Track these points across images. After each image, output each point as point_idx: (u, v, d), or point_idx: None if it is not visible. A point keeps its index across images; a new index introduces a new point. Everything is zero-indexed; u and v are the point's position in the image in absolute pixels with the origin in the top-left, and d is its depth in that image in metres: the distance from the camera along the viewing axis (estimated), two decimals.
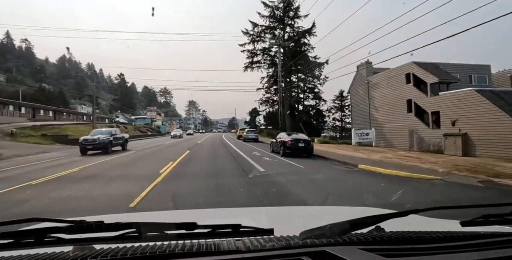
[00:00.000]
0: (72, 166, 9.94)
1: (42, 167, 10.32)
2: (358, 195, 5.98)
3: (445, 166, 9.29)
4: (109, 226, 0.76)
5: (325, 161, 12.10)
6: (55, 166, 10.24)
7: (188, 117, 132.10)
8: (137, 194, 5.41)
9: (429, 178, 7.55)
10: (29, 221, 0.83)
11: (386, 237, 0.84)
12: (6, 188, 6.25)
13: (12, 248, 0.75)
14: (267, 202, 5.03)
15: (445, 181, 7.24)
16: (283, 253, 0.74)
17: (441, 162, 10.57)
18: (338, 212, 1.95)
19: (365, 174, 8.70)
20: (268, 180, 7.35)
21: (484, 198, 5.75)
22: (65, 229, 0.76)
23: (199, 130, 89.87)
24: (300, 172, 8.96)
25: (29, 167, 10.44)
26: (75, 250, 0.76)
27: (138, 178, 7.77)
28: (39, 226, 0.99)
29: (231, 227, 0.83)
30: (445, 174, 7.92)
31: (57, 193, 5.83)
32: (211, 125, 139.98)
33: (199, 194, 5.69)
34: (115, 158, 13.18)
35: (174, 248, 0.75)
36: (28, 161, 12.43)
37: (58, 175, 8.05)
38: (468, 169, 8.58)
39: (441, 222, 1.37)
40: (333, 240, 0.79)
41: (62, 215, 4.15)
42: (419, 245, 0.82)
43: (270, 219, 1.72)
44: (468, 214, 0.99)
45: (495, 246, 0.81)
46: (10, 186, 6.46)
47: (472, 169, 8.58)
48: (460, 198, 5.72)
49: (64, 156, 14.55)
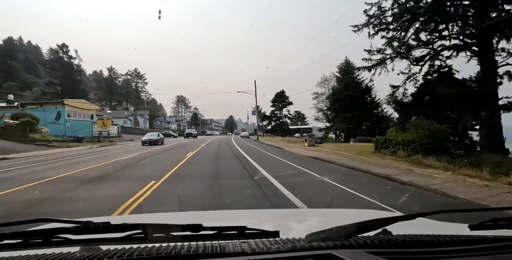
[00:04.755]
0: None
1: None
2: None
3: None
4: (115, 227, 0.77)
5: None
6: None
7: (176, 115, 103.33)
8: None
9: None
10: (37, 221, 0.84)
11: (393, 241, 0.83)
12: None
13: (21, 248, 0.76)
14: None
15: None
16: (289, 255, 0.74)
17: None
18: (344, 214, 1.95)
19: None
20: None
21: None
22: (72, 230, 0.77)
23: (191, 133, 46.27)
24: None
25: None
26: (82, 251, 0.77)
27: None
28: (47, 226, 1.00)
29: (236, 229, 0.84)
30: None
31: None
32: (203, 124, 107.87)
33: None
34: None
35: (179, 250, 0.76)
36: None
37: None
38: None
39: (449, 225, 1.35)
40: (340, 243, 0.79)
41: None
42: (427, 248, 0.81)
43: (275, 221, 1.72)
44: (476, 217, 0.98)
45: (505, 250, 0.80)
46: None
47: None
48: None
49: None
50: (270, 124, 64.85)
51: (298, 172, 8.72)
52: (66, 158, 13.74)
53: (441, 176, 7.55)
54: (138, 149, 19.46)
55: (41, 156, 14.96)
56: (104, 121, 31.81)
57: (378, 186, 6.81)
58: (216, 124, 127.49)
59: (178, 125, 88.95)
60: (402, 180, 6.98)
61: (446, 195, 5.61)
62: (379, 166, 9.65)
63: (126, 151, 18.01)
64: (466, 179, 7.14)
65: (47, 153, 16.56)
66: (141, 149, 18.89)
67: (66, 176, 8.06)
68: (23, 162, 12.12)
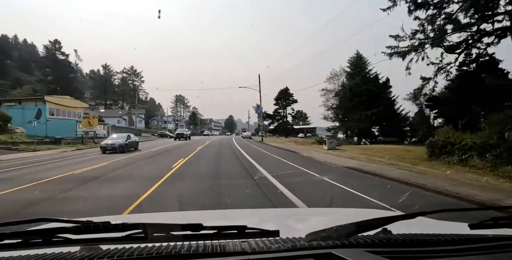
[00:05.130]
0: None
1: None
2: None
3: None
4: (115, 226, 0.76)
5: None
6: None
7: (174, 114, 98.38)
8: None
9: None
10: (36, 221, 0.85)
11: (393, 240, 0.83)
12: None
13: (21, 248, 0.77)
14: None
15: None
16: (289, 255, 0.74)
17: None
18: (344, 214, 1.97)
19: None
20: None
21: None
22: (72, 230, 0.77)
23: (182, 133, 39.93)
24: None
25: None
26: (82, 250, 0.76)
27: None
28: (47, 226, 0.99)
29: (236, 228, 0.83)
30: None
31: None
32: (202, 124, 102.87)
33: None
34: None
35: (180, 249, 0.75)
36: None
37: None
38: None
39: (449, 224, 1.35)
40: (340, 243, 0.78)
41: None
42: (427, 247, 0.80)
43: (275, 221, 1.72)
44: (476, 216, 0.98)
45: (505, 249, 0.80)
46: None
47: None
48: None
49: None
50: (273, 124, 62.15)
51: (369, 205, 5.02)
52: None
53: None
54: (99, 158, 13.85)
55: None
56: (90, 120, 27.78)
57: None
58: (215, 124, 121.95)
59: (176, 125, 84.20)
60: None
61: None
62: (486, 188, 6.21)
63: (85, 160, 13.25)
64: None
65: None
66: (101, 159, 13.22)
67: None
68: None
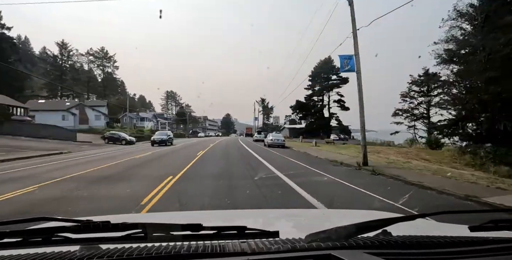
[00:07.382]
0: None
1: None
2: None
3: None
4: (115, 226, 0.76)
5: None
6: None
7: (164, 112, 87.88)
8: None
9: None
10: (36, 220, 0.85)
11: (393, 241, 0.82)
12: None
13: (21, 246, 0.75)
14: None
15: None
16: (289, 256, 0.73)
17: None
18: (344, 215, 1.95)
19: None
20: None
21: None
22: (72, 229, 0.76)
23: (161, 138, 25.32)
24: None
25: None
26: (82, 250, 0.75)
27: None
28: (47, 225, 0.97)
29: (236, 229, 0.83)
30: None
31: None
32: (194, 123, 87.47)
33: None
34: None
35: (179, 249, 0.74)
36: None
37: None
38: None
39: (449, 226, 1.33)
40: (339, 244, 0.78)
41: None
42: (426, 249, 0.80)
43: (275, 222, 1.70)
44: (476, 219, 0.96)
45: (505, 252, 0.79)
46: None
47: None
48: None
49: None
50: (306, 119, 38.02)
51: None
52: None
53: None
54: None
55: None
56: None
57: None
58: (211, 123, 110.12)
59: (157, 123, 66.63)
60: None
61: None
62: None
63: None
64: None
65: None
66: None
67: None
68: None
